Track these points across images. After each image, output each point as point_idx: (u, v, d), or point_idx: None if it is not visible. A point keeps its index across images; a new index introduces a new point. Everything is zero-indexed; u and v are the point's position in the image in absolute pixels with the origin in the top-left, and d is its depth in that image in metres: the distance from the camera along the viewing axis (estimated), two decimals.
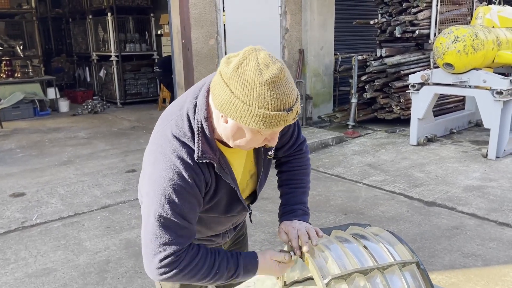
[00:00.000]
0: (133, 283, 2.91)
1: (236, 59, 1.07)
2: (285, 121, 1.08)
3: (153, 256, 1.19)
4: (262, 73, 1.03)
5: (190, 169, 1.17)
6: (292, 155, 1.55)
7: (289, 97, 1.06)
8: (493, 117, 5.27)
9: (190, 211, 1.21)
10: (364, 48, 8.31)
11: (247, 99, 1.04)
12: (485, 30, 5.58)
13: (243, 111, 1.05)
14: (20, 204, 4.28)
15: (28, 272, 3.07)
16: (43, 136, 7.06)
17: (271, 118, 1.05)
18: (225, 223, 1.50)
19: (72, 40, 11.59)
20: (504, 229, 3.58)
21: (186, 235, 1.21)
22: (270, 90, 1.03)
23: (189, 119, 1.20)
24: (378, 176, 4.93)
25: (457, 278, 2.89)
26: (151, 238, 1.19)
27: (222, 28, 6.42)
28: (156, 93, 10.20)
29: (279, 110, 1.05)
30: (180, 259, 1.19)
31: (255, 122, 1.06)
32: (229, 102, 1.06)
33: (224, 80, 1.07)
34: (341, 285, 1.15)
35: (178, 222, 1.18)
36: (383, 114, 7.21)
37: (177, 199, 1.16)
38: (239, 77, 1.04)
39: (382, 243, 1.27)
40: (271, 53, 1.11)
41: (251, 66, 1.04)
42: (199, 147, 1.17)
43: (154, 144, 1.23)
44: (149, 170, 1.23)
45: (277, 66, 1.05)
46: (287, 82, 1.07)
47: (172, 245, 1.18)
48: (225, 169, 1.27)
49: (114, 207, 4.19)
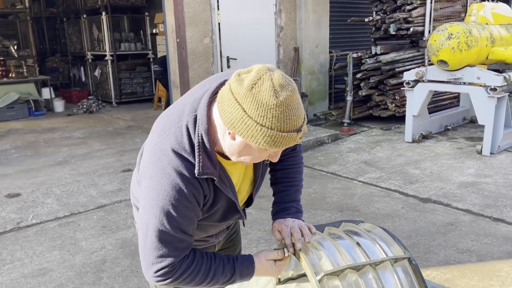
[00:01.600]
0: (130, 283, 2.91)
1: (250, 77, 1.07)
2: (293, 141, 1.10)
3: (150, 266, 1.22)
4: (277, 95, 1.04)
5: (189, 185, 1.17)
6: (286, 154, 1.55)
7: (299, 118, 1.08)
8: (487, 113, 5.30)
9: (189, 224, 1.21)
10: (359, 46, 8.33)
11: (261, 119, 1.04)
12: (479, 27, 5.60)
13: (255, 131, 1.05)
14: (16, 204, 4.27)
15: (24, 272, 3.07)
16: (38, 136, 7.03)
17: (282, 138, 1.07)
18: (220, 226, 1.51)
19: (67, 39, 11.54)
20: (498, 224, 3.60)
21: (183, 246, 1.23)
22: (284, 112, 1.04)
23: (188, 133, 1.18)
24: (374, 173, 4.94)
25: (452, 274, 2.91)
26: (149, 251, 1.21)
27: (217, 26, 6.42)
28: (151, 92, 10.17)
29: (290, 131, 1.07)
30: (175, 269, 1.21)
31: (266, 142, 1.07)
32: (241, 121, 1.06)
33: (235, 98, 1.06)
34: (334, 281, 1.16)
35: (176, 236, 1.19)
36: (379, 112, 7.24)
37: (175, 214, 1.17)
38: (253, 97, 1.04)
39: (375, 240, 1.28)
40: (282, 73, 1.11)
41: (266, 86, 1.04)
42: (200, 163, 1.16)
43: (152, 157, 1.21)
44: (146, 184, 1.21)
45: (291, 88, 1.07)
46: (298, 103, 1.08)
47: (169, 257, 1.20)
48: (225, 182, 1.27)
49: (110, 206, 4.19)
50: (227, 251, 1.71)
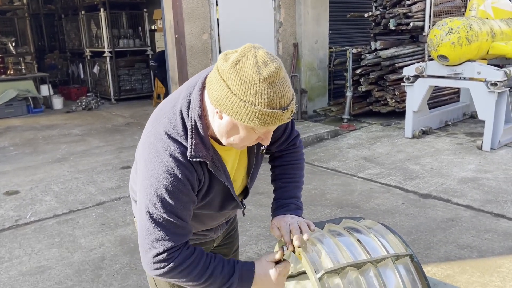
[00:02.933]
0: (128, 280, 2.90)
1: (235, 55, 1.07)
2: (280, 120, 1.08)
3: (146, 252, 1.20)
4: (260, 71, 1.04)
5: (182, 167, 1.16)
6: (286, 150, 1.53)
7: (285, 96, 1.07)
8: (487, 108, 5.27)
9: (183, 209, 1.20)
10: (358, 41, 8.29)
11: (244, 95, 1.04)
12: (479, 22, 5.57)
13: (239, 107, 1.05)
14: (14, 202, 4.25)
15: (23, 270, 3.05)
16: (36, 134, 7.01)
17: (266, 115, 1.05)
18: (218, 218, 1.49)
19: (65, 36, 11.49)
20: (499, 220, 3.58)
21: (179, 232, 1.20)
22: (267, 88, 1.04)
23: (182, 117, 1.19)
24: (374, 169, 4.92)
25: (452, 270, 2.90)
26: (144, 235, 1.20)
27: (215, 22, 6.38)
28: (150, 89, 10.14)
29: (275, 108, 1.05)
30: (173, 257, 1.18)
31: (250, 119, 1.06)
32: (225, 98, 1.06)
33: (221, 76, 1.07)
34: (334, 279, 1.14)
35: (170, 220, 1.17)
36: (378, 107, 7.21)
37: (169, 198, 1.16)
38: (237, 73, 1.05)
39: (376, 236, 1.26)
40: (269, 50, 1.11)
41: (250, 63, 1.05)
42: (192, 145, 1.17)
43: (147, 142, 1.22)
44: (141, 168, 1.22)
45: (275, 65, 1.06)
46: (284, 81, 1.07)
47: (164, 241, 1.17)
48: (219, 167, 1.26)
49: (109, 204, 4.17)
50: (225, 247, 1.70)
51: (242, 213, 1.58)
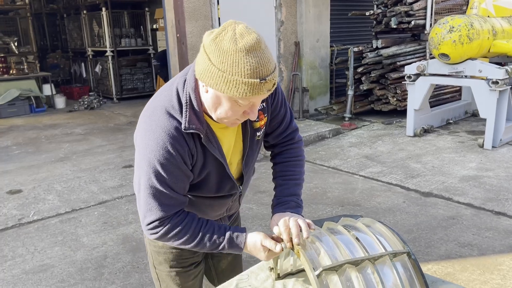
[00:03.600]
0: (131, 278, 2.92)
1: (217, 30, 1.14)
2: (259, 90, 1.11)
3: (142, 219, 1.31)
4: (237, 42, 1.08)
5: (174, 141, 1.22)
6: (285, 145, 1.54)
7: (264, 67, 1.10)
8: (489, 107, 5.27)
9: (176, 181, 1.26)
10: (360, 40, 8.29)
11: (222, 65, 1.09)
12: (480, 20, 5.56)
13: (217, 77, 1.10)
14: (17, 201, 4.28)
15: (26, 268, 3.08)
16: (39, 133, 7.04)
17: (244, 85, 1.09)
18: (217, 207, 1.51)
19: (67, 35, 11.52)
20: (500, 218, 3.59)
21: (171, 203, 1.28)
22: (244, 58, 1.07)
23: (178, 93, 1.25)
24: (375, 167, 4.93)
25: (453, 268, 2.90)
26: (140, 204, 1.30)
27: (217, 21, 6.39)
28: (152, 88, 10.16)
29: (252, 77, 1.08)
30: (164, 224, 1.28)
31: (229, 89, 1.10)
32: (207, 70, 1.12)
33: (204, 50, 1.13)
34: (332, 277, 1.15)
35: (162, 191, 1.25)
36: (380, 106, 7.21)
37: (161, 169, 1.23)
38: (216, 46, 1.10)
39: (374, 234, 1.27)
40: None
41: (228, 35, 1.10)
42: (187, 118, 1.22)
43: (143, 116, 1.30)
44: (137, 143, 1.29)
45: (253, 36, 1.10)
46: (263, 52, 1.11)
47: (156, 211, 1.27)
48: (212, 142, 1.31)
49: (111, 202, 4.19)
50: None
51: (238, 202, 1.58)
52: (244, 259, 3.06)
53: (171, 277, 1.56)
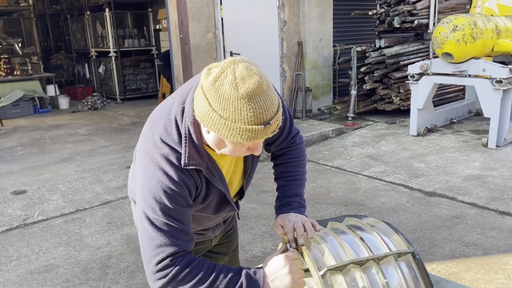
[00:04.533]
0: (135, 278, 2.93)
1: (215, 71, 1.06)
2: (263, 135, 1.07)
3: (149, 261, 1.18)
4: (238, 88, 1.02)
5: (180, 172, 1.17)
6: (286, 148, 1.54)
7: (267, 111, 1.05)
8: (493, 106, 5.25)
9: (183, 213, 1.20)
10: (363, 39, 8.28)
11: (224, 113, 1.04)
12: (484, 19, 5.55)
13: (220, 124, 1.05)
14: (22, 201, 4.30)
15: (31, 268, 3.09)
16: (43, 134, 7.07)
17: (248, 132, 1.04)
18: (214, 219, 1.51)
19: (71, 36, 11.56)
20: (504, 218, 3.58)
21: (181, 237, 1.19)
22: (246, 105, 1.02)
23: (177, 124, 1.19)
24: (379, 167, 4.93)
25: (457, 268, 2.90)
26: (146, 242, 1.19)
27: (219, 21, 6.40)
28: (155, 88, 10.19)
29: (256, 124, 1.04)
30: (176, 262, 1.16)
31: (232, 136, 1.06)
32: (207, 115, 1.06)
33: (203, 93, 1.07)
34: (337, 277, 1.15)
35: (171, 224, 1.17)
36: (383, 105, 7.20)
37: (168, 202, 1.16)
38: (216, 91, 1.04)
39: (378, 234, 1.27)
40: (252, 64, 1.09)
41: (228, 80, 1.03)
42: (186, 154, 1.17)
43: (144, 149, 1.23)
44: (139, 176, 1.23)
45: (254, 80, 1.03)
46: (265, 95, 1.05)
47: (167, 247, 1.16)
48: (214, 173, 1.27)
49: (115, 202, 4.20)
50: (223, 246, 1.72)
51: (237, 217, 1.59)
52: (247, 259, 3.07)
53: None
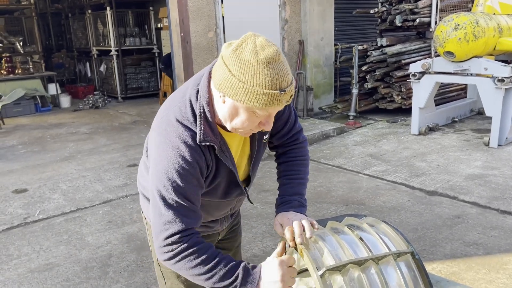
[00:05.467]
0: (135, 277, 2.93)
1: (236, 42, 1.15)
2: (278, 102, 1.13)
3: (158, 235, 1.23)
4: (258, 54, 1.11)
5: (192, 151, 1.22)
6: (289, 145, 1.55)
7: (283, 79, 1.12)
8: (494, 105, 5.24)
9: (193, 192, 1.24)
10: (364, 38, 8.26)
11: (243, 77, 1.11)
12: (486, 17, 5.52)
13: (238, 88, 1.12)
14: (23, 200, 4.30)
15: (31, 267, 3.09)
16: (44, 132, 7.07)
17: (264, 96, 1.11)
18: (223, 208, 1.52)
19: (72, 35, 11.56)
20: (506, 217, 3.57)
21: (190, 216, 1.23)
22: (265, 70, 1.10)
23: (191, 105, 1.25)
24: (380, 166, 4.92)
25: (458, 267, 2.89)
26: (156, 218, 1.23)
27: (221, 20, 6.39)
28: (157, 87, 10.19)
29: (272, 89, 1.11)
30: (184, 240, 1.21)
31: (249, 100, 1.12)
32: (226, 80, 1.13)
33: (224, 61, 1.14)
34: (336, 277, 1.15)
35: (181, 203, 1.22)
36: (384, 104, 7.18)
37: (180, 180, 1.21)
38: (237, 57, 1.12)
39: (377, 234, 1.27)
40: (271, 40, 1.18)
41: (249, 47, 1.12)
42: (201, 130, 1.22)
43: (158, 128, 1.28)
44: (153, 154, 1.28)
45: (273, 49, 1.13)
46: (282, 65, 1.13)
47: (176, 223, 1.21)
48: (225, 152, 1.31)
49: (116, 201, 4.21)
50: (228, 241, 1.72)
51: (249, 201, 1.60)
52: (247, 258, 3.06)
53: (176, 274, 1.56)
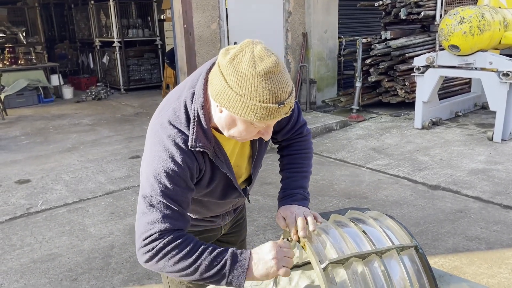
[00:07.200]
0: (137, 268, 2.94)
1: (233, 50, 1.09)
2: (276, 115, 1.08)
3: (140, 236, 1.19)
4: (256, 65, 1.05)
5: (184, 155, 1.19)
6: (293, 139, 1.53)
7: (282, 91, 1.07)
8: (499, 99, 5.20)
9: (181, 195, 1.20)
10: (368, 31, 8.21)
11: (240, 89, 1.05)
12: (491, 11, 5.47)
13: (235, 101, 1.07)
14: (25, 190, 4.32)
15: (34, 257, 3.11)
16: (47, 123, 7.08)
17: (262, 110, 1.06)
18: (224, 205, 1.51)
19: (75, 26, 11.53)
20: (508, 212, 3.56)
21: (176, 217, 1.19)
22: (263, 82, 1.04)
23: (186, 108, 1.21)
24: (382, 160, 4.90)
25: (460, 261, 2.89)
26: (140, 219, 1.20)
27: (224, 12, 6.35)
28: (159, 79, 10.17)
29: (270, 102, 1.06)
30: (164, 237, 1.16)
31: (246, 113, 1.07)
32: (223, 92, 1.08)
33: (220, 71, 1.09)
34: (339, 270, 1.14)
35: (167, 205, 1.18)
36: (388, 98, 7.15)
37: (168, 182, 1.17)
38: (234, 68, 1.06)
39: (381, 227, 1.26)
40: (267, 46, 1.12)
41: (246, 58, 1.06)
42: (194, 136, 1.19)
43: (152, 130, 1.26)
44: (145, 154, 1.26)
45: (272, 60, 1.06)
46: (281, 76, 1.07)
47: (159, 224, 1.17)
48: (220, 157, 1.28)
49: (118, 193, 4.21)
50: (232, 235, 1.71)
51: (247, 200, 1.58)
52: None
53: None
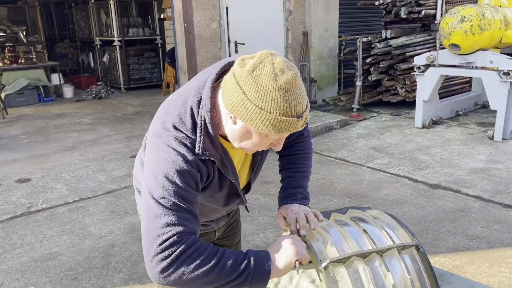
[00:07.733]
0: (138, 267, 2.94)
1: (252, 62, 1.07)
2: (294, 127, 1.08)
3: (153, 242, 1.09)
4: (277, 78, 1.04)
5: (193, 155, 1.15)
6: (293, 140, 1.53)
7: (301, 104, 1.07)
8: (499, 98, 5.20)
9: (193, 196, 1.16)
10: (369, 30, 8.20)
11: (260, 102, 1.04)
12: (492, 10, 5.47)
13: (254, 114, 1.06)
14: (26, 189, 4.32)
15: (34, 256, 3.11)
16: (47, 122, 7.08)
17: (281, 123, 1.06)
18: (220, 211, 1.50)
19: (75, 25, 11.52)
20: (509, 211, 3.56)
21: (189, 219, 1.13)
22: (283, 96, 1.04)
23: (192, 114, 1.18)
24: (383, 159, 4.90)
25: (460, 260, 2.89)
26: (151, 222, 1.11)
27: (224, 11, 6.34)
28: (160, 78, 10.16)
29: (290, 116, 1.06)
30: (183, 240, 1.09)
31: (265, 126, 1.06)
32: (241, 104, 1.06)
33: (237, 82, 1.07)
34: (340, 269, 1.14)
35: (181, 205, 1.12)
36: (388, 97, 7.15)
37: (180, 182, 1.12)
38: (253, 80, 1.05)
39: (382, 226, 1.26)
40: (284, 57, 1.11)
41: (267, 70, 1.05)
42: (201, 144, 1.16)
43: (155, 133, 1.20)
44: (151, 156, 1.19)
45: (292, 73, 1.06)
46: (300, 89, 1.08)
47: (175, 226, 1.09)
48: (227, 165, 1.26)
49: (119, 192, 4.21)
50: (226, 239, 1.70)
51: (246, 210, 1.58)
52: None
53: None
